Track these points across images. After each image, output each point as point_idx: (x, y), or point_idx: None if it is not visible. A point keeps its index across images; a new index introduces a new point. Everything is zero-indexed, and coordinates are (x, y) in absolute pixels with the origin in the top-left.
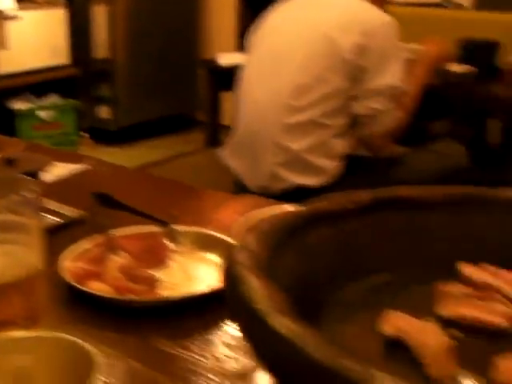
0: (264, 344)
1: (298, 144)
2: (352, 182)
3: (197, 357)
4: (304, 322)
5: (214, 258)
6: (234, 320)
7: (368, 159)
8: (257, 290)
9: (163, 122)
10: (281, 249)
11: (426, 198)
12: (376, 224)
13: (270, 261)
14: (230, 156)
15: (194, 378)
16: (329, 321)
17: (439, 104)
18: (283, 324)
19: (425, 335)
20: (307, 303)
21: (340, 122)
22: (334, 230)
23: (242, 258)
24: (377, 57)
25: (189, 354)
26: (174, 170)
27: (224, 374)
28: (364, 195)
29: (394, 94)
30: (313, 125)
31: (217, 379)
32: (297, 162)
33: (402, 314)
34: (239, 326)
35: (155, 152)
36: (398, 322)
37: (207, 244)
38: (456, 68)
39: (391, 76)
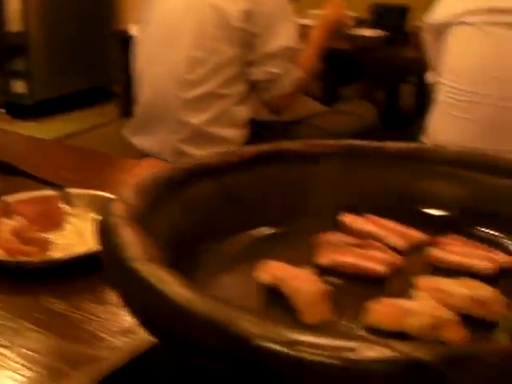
0: (133, 294)
1: (198, 118)
2: None
3: (87, 315)
4: (176, 271)
5: None
6: (106, 272)
7: (275, 123)
8: (128, 240)
9: (80, 96)
10: (161, 202)
11: (310, 151)
12: (260, 177)
13: (148, 213)
14: (134, 134)
15: (84, 336)
16: (207, 272)
17: (351, 68)
18: (152, 272)
19: (299, 282)
20: (188, 256)
21: (239, 89)
22: (217, 183)
23: (117, 209)
24: (266, 21)
25: (79, 312)
26: (88, 142)
27: (112, 330)
28: (248, 149)
29: (289, 56)
30: (211, 97)
31: (106, 336)
32: (200, 136)
33: (279, 262)
34: (110, 277)
35: (71, 125)
36: (274, 271)
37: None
38: (367, 32)
39: (284, 38)
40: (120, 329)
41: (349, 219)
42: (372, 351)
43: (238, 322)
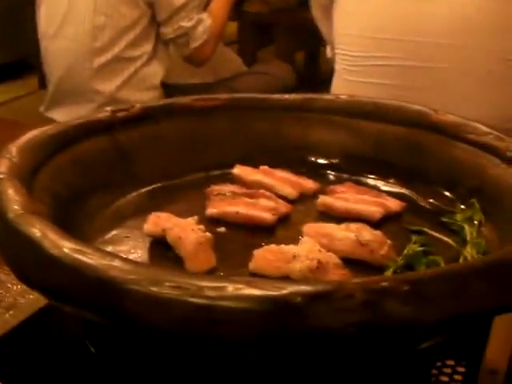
0: (9, 246)
1: (109, 85)
2: None
3: None
4: (59, 225)
5: None
6: None
7: (190, 86)
8: (8, 195)
9: (3, 69)
10: (51, 158)
11: (200, 105)
12: (152, 132)
13: (34, 170)
14: (50, 109)
15: None
16: (98, 227)
17: (268, 30)
18: (28, 224)
19: (182, 231)
20: (79, 212)
21: (145, 49)
22: (109, 139)
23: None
24: None
25: None
26: (7, 113)
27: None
28: (139, 105)
29: (197, 6)
30: (118, 61)
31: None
32: (114, 103)
33: (165, 214)
34: None
35: None
36: (160, 222)
37: None
38: None
39: None
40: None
41: (240, 171)
42: (233, 289)
43: (105, 268)
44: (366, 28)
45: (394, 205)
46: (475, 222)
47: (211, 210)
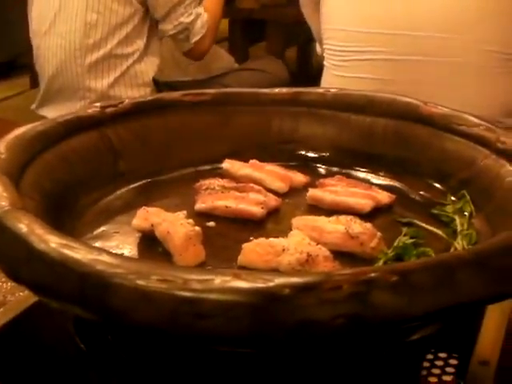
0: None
1: (101, 82)
2: None
3: None
4: (45, 220)
5: None
6: None
7: (183, 83)
8: None
9: None
10: (41, 155)
11: (189, 100)
12: (141, 128)
13: (23, 166)
14: (42, 106)
15: None
16: (87, 222)
17: (259, 27)
18: (14, 219)
19: (171, 226)
20: (68, 207)
21: (137, 46)
22: (98, 135)
23: None
24: None
25: None
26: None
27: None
28: (128, 100)
29: (192, 0)
30: (110, 58)
31: None
32: (106, 100)
33: (154, 209)
34: None
35: None
36: (149, 217)
37: None
38: None
39: None
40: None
41: (229, 165)
42: (220, 282)
43: (91, 262)
44: (352, 23)
45: (384, 197)
46: (466, 214)
47: (200, 205)
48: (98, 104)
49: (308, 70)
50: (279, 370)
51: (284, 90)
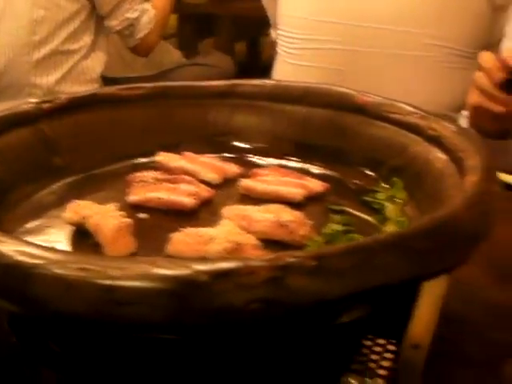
0: None
1: (48, 78)
2: None
3: None
4: None
5: None
6: None
7: (130, 79)
8: None
9: None
10: None
11: (124, 94)
12: (76, 123)
13: None
14: None
15: None
16: (19, 217)
17: (208, 21)
18: None
19: (101, 218)
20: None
21: (84, 42)
22: (33, 130)
23: None
24: None
25: None
26: None
27: None
28: (62, 96)
29: None
30: (57, 54)
31: None
32: None
33: (85, 202)
34: None
35: None
36: (80, 210)
37: None
38: None
39: None
40: None
41: (163, 158)
42: (137, 269)
43: (13, 253)
44: (309, 11)
45: (317, 186)
46: (398, 201)
47: (133, 197)
48: (33, 100)
49: (257, 63)
50: (205, 356)
51: (221, 82)
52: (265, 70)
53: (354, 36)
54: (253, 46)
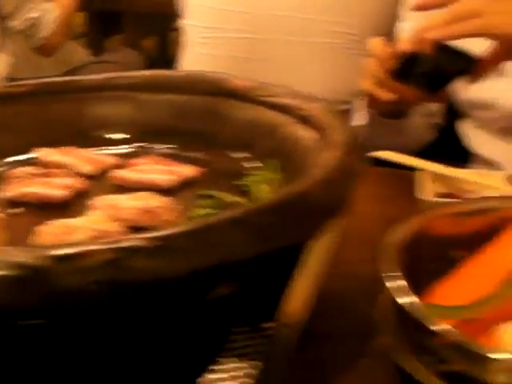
0: None
1: None
2: None
3: None
4: None
5: None
6: None
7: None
8: None
9: None
10: None
11: (9, 92)
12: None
13: None
14: None
15: None
16: None
17: (114, 18)
18: None
19: None
20: None
21: None
22: None
23: None
24: None
25: None
26: None
27: None
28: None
29: None
30: None
31: None
32: None
33: None
34: None
35: None
36: None
37: None
38: None
39: None
40: None
41: (40, 153)
42: None
43: None
44: (216, 0)
45: (189, 171)
46: (272, 182)
47: (8, 193)
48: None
49: (166, 59)
50: (72, 341)
51: (97, 76)
52: (174, 64)
53: (258, 24)
54: (161, 41)
